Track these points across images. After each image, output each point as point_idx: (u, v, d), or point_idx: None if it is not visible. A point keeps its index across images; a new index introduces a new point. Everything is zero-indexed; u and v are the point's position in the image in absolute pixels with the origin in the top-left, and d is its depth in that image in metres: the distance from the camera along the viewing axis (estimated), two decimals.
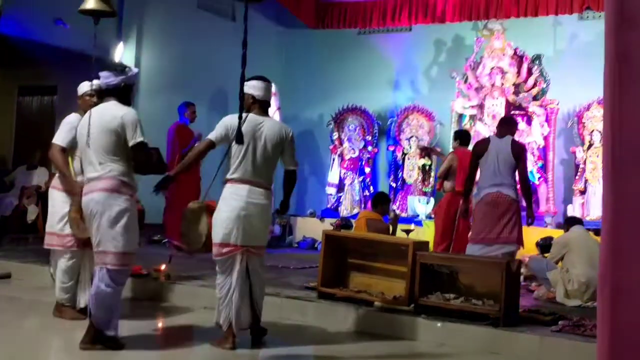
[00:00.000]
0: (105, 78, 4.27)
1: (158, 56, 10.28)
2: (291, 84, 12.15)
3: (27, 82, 10.50)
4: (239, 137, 3.44)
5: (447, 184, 8.18)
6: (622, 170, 1.30)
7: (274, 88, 10.45)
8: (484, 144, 6.53)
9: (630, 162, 1.31)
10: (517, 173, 6.33)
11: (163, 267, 6.31)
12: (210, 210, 4.53)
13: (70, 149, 4.93)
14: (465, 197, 6.71)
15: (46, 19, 8.78)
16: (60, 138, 4.94)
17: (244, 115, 4.30)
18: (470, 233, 6.61)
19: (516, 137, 6.97)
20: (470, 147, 8.80)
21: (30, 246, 8.45)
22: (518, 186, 6.42)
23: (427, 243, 5.86)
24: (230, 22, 11.02)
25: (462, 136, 8.38)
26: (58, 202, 4.99)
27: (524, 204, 6.66)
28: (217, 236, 4.37)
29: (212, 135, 4.42)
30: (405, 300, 5.21)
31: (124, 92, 4.34)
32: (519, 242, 6.26)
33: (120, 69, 4.29)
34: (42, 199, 9.25)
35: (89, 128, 4.19)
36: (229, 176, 4.41)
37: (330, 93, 11.90)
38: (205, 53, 10.63)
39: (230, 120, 4.41)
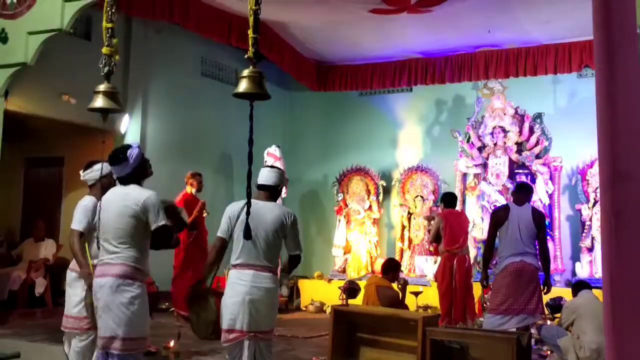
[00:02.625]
0: (116, 172, 4.35)
1: (163, 125, 10.43)
2: (295, 145, 12.30)
3: (33, 154, 10.63)
4: (247, 233, 3.48)
5: (441, 246, 8.46)
6: (625, 329, 1.33)
7: (278, 152, 10.70)
8: (503, 211, 6.57)
9: (630, 314, 1.35)
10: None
11: (172, 344, 6.29)
12: (217, 295, 4.56)
13: (88, 232, 4.96)
14: (484, 266, 6.74)
15: (53, 94, 8.94)
16: (77, 223, 4.98)
17: (244, 202, 4.36)
18: (489, 303, 6.61)
19: None
20: (457, 208, 9.00)
21: (39, 321, 8.45)
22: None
23: (437, 317, 5.86)
24: (234, 88, 11.18)
25: (445, 199, 8.72)
26: (74, 284, 5.00)
27: None
28: (224, 322, 4.38)
29: (220, 232, 4.49)
30: None
31: (139, 173, 4.40)
32: (543, 312, 6.33)
33: (122, 157, 4.32)
34: (50, 271, 9.30)
35: (107, 212, 4.24)
36: (233, 261, 4.44)
37: (334, 154, 12.03)
38: (209, 119, 10.80)
39: (231, 210, 4.50)
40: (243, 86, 3.38)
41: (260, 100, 3.42)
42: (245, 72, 3.38)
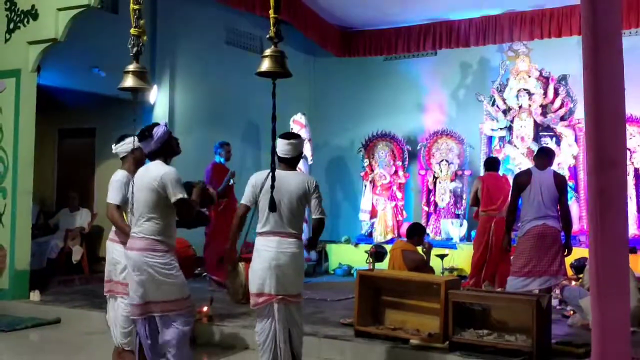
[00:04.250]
0: (144, 148, 4.56)
1: (191, 95, 10.61)
2: (321, 111, 12.42)
3: (66, 126, 10.91)
4: (272, 206, 3.67)
5: (479, 209, 8.57)
6: (607, 294, 1.49)
7: (303, 120, 10.83)
8: (526, 176, 6.67)
9: (609, 283, 1.50)
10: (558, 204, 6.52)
11: (205, 308, 6.54)
12: (246, 261, 4.79)
13: (124, 205, 5.20)
14: (507, 229, 6.87)
15: (83, 68, 9.16)
16: (113, 197, 5.23)
17: (267, 172, 4.56)
18: (512, 265, 6.75)
19: None
20: (500, 172, 9.07)
21: (77, 287, 8.81)
22: None
23: (459, 280, 6.01)
24: (259, 56, 11.28)
25: (485, 163, 8.93)
26: (118, 253, 5.23)
27: None
28: (253, 286, 4.61)
29: (244, 200, 4.70)
30: (440, 338, 5.37)
31: (164, 150, 4.59)
32: (565, 273, 6.47)
33: (148, 134, 4.51)
34: (86, 240, 9.64)
35: (137, 188, 4.47)
36: (259, 230, 4.64)
37: (360, 119, 12.12)
38: (236, 88, 10.93)
39: (254, 180, 4.69)
40: (265, 65, 3.53)
41: (282, 78, 3.56)
42: (268, 52, 3.53)
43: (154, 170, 4.49)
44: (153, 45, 10.01)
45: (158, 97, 10.12)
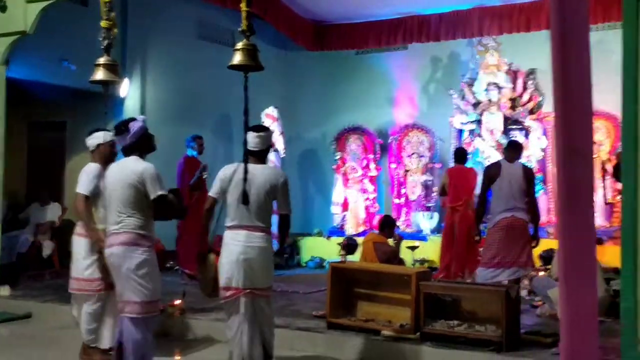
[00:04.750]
0: (119, 142, 4.53)
1: (162, 88, 10.55)
2: (293, 105, 12.42)
3: (36, 119, 10.78)
4: (245, 199, 3.70)
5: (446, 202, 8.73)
6: (575, 284, 1.55)
7: (275, 113, 10.84)
8: (495, 169, 6.79)
9: (577, 274, 1.56)
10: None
11: (177, 302, 6.54)
12: (216, 254, 4.80)
13: (93, 198, 5.14)
14: (477, 220, 6.99)
15: (53, 61, 9.06)
16: (83, 187, 5.16)
17: (236, 165, 4.63)
18: (481, 257, 6.87)
19: None
20: (468, 164, 9.20)
21: (48, 281, 8.73)
22: None
23: (430, 272, 6.10)
24: (231, 49, 11.24)
25: (455, 154, 8.91)
26: (83, 248, 5.19)
27: None
28: (221, 280, 4.61)
29: (212, 192, 4.72)
30: (411, 329, 5.44)
31: (140, 146, 4.54)
32: (534, 264, 6.60)
33: (124, 128, 4.47)
34: (56, 234, 9.55)
35: (111, 184, 4.43)
36: (227, 223, 4.65)
37: (332, 113, 12.18)
38: (208, 82, 10.89)
39: (223, 174, 4.69)
40: (237, 58, 3.56)
41: (254, 71, 3.59)
42: (239, 45, 3.55)
43: (133, 166, 4.43)
44: (124, 39, 9.91)
45: (129, 91, 10.05)
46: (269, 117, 10.65)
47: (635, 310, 3.94)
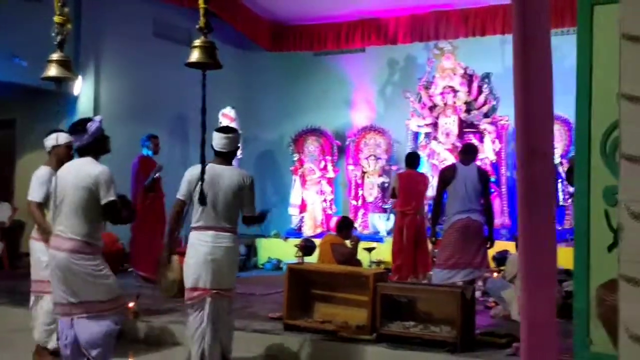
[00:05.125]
0: (74, 142, 4.41)
1: (117, 87, 10.37)
2: (251, 105, 12.34)
3: None
4: (202, 199, 3.65)
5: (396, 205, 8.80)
6: (535, 284, 1.55)
7: (232, 113, 10.76)
8: (451, 171, 6.85)
9: (540, 272, 1.56)
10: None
11: (131, 304, 6.42)
12: (179, 255, 4.75)
13: (45, 202, 5.03)
14: (433, 222, 7.04)
15: (3, 57, 8.82)
16: (34, 194, 5.07)
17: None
18: (437, 258, 6.92)
19: None
20: (424, 167, 9.27)
21: None
22: None
23: (387, 273, 6.12)
24: (188, 48, 11.12)
25: (407, 159, 8.86)
26: (40, 252, 5.08)
27: None
28: (187, 281, 4.58)
29: (180, 194, 4.67)
30: (367, 330, 5.45)
31: (96, 147, 4.42)
32: (488, 265, 6.67)
33: (80, 128, 4.37)
34: (6, 234, 9.30)
35: (63, 184, 4.30)
36: (193, 224, 4.61)
37: (290, 114, 12.14)
38: (163, 81, 10.74)
39: (190, 174, 4.64)
40: (195, 56, 3.50)
41: (212, 69, 3.53)
42: (197, 42, 3.50)
43: (87, 168, 4.31)
44: (77, 35, 9.71)
45: (82, 89, 9.85)
46: (226, 117, 10.57)
47: (588, 311, 4.01)
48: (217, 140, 4.64)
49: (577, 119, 4.02)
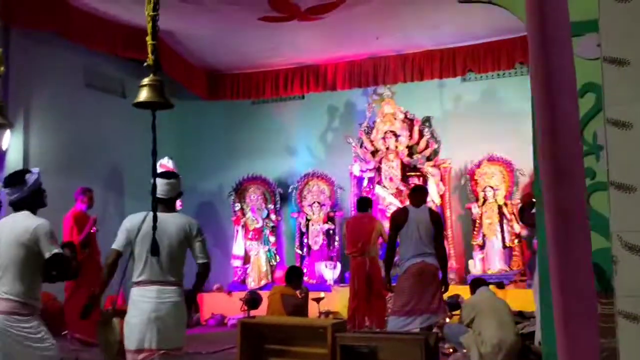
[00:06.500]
0: (9, 195, 4.07)
1: (48, 139, 9.88)
2: (187, 155, 12.01)
3: None
4: (154, 249, 3.33)
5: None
6: (575, 321, 1.34)
7: (170, 164, 10.42)
8: (402, 214, 6.67)
9: (579, 307, 1.36)
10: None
11: None
12: (119, 314, 4.36)
13: None
14: (386, 268, 6.80)
15: None
16: None
17: (144, 214, 4.26)
18: (392, 304, 6.70)
19: None
20: (369, 211, 9.11)
21: None
22: None
23: (344, 323, 5.85)
24: (120, 99, 10.82)
25: (357, 203, 8.80)
26: None
27: None
28: (131, 343, 4.17)
29: (115, 245, 4.28)
30: None
31: (34, 200, 4.13)
32: (445, 310, 6.47)
33: (18, 180, 4.07)
34: None
35: None
36: (135, 279, 4.24)
37: (229, 163, 11.89)
38: (96, 132, 10.35)
39: (130, 224, 4.29)
40: (144, 95, 3.21)
41: (162, 109, 3.27)
42: (146, 81, 3.22)
43: (25, 223, 3.98)
44: (5, 86, 9.24)
45: (11, 141, 9.33)
46: (164, 167, 10.20)
47: (555, 355, 3.85)
48: (158, 186, 4.32)
49: (535, 155, 3.93)
